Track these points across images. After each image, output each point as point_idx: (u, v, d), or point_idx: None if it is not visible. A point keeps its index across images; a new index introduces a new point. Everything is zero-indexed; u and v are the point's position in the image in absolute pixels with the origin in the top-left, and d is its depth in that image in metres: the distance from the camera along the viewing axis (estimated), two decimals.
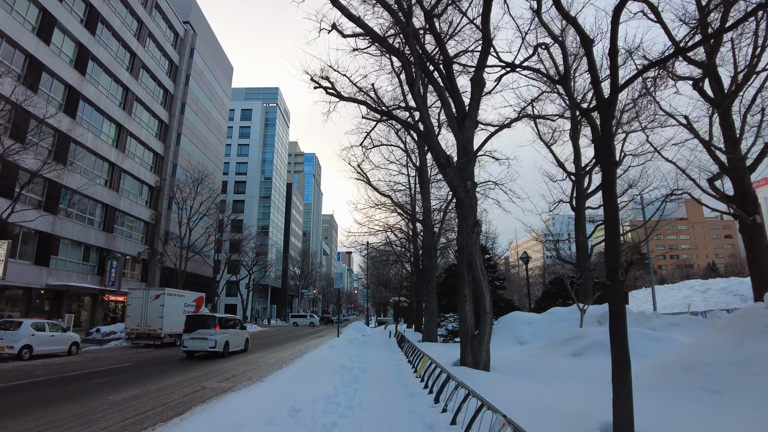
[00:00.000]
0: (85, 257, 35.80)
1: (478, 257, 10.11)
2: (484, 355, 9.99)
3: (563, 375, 9.33)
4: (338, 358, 12.72)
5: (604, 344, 10.62)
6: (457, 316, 22.94)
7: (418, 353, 11.97)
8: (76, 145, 34.04)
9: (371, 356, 16.14)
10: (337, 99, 15.04)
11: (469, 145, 10.64)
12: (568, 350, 11.01)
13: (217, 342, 19.62)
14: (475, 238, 9.99)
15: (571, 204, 22.07)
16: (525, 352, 12.88)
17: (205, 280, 50.40)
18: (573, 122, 21.95)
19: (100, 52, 36.59)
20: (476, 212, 10.32)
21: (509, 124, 12.92)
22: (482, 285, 9.96)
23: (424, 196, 22.15)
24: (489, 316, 10.06)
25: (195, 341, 19.60)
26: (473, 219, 10.09)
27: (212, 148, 60.07)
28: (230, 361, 18.37)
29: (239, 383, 12.39)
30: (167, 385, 12.15)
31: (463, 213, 10.15)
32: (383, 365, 13.23)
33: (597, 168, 22.48)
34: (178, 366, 16.69)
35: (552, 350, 11.63)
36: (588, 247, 20.90)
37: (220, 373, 14.74)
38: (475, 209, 10.29)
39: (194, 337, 19.68)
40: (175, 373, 14.44)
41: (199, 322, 20.27)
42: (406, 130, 21.41)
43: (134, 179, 42.43)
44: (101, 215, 37.65)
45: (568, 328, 16.00)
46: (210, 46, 59.88)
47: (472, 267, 9.97)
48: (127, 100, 40.89)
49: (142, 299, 25.74)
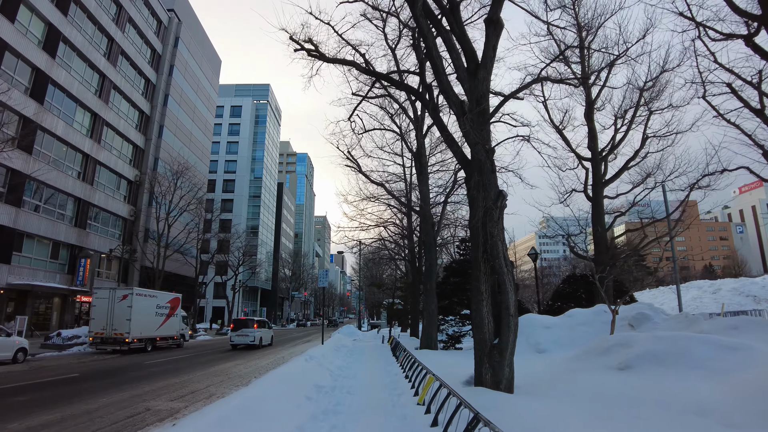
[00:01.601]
0: (54, 255, 33.05)
1: (501, 242, 7.73)
2: (506, 372, 7.61)
3: (618, 399, 6.95)
4: (315, 374, 10.07)
5: (659, 355, 8.27)
6: (458, 319, 20.49)
7: (417, 366, 9.54)
8: (44, 133, 31.41)
9: (360, 369, 13.51)
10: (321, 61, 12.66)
11: (483, 101, 8.28)
12: (610, 362, 8.63)
13: (255, 337, 26.85)
14: (498, 215, 7.62)
15: (586, 193, 19.77)
16: (550, 363, 10.45)
17: (188, 281, 47.64)
18: (588, 101, 19.66)
19: (72, 34, 33.95)
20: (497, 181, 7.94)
21: (529, 84, 10.54)
22: (506, 279, 7.59)
23: (422, 182, 19.65)
24: (513, 320, 7.68)
25: (239, 337, 26.82)
26: (495, 189, 7.73)
27: (197, 143, 57.38)
28: (198, 371, 15.85)
29: (193, 403, 9.92)
30: (103, 405, 9.65)
31: (482, 181, 7.75)
32: (374, 383, 10.68)
33: (616, 151, 20.22)
34: (134, 378, 14.17)
35: (587, 362, 9.24)
36: (607, 240, 18.57)
37: (178, 387, 12.24)
38: (496, 177, 7.90)
39: (239, 334, 26.92)
40: (125, 388, 11.93)
41: (242, 324, 27.90)
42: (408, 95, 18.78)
43: (111, 172, 39.72)
44: (73, 210, 34.93)
45: (592, 332, 13.65)
46: (196, 37, 57.27)
47: (493, 255, 7.58)
48: (103, 88, 38.22)
49: (108, 299, 23.09)
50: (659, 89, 18.17)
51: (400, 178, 25.87)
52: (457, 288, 20.24)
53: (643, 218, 20.72)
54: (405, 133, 22.49)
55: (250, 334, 26.72)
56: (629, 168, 19.40)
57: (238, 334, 26.86)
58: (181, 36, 52.01)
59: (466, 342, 21.08)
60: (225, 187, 79.71)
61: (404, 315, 45.45)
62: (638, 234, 20.23)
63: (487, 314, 7.92)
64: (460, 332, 20.12)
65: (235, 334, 26.97)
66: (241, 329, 27.03)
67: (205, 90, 60.39)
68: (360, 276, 55.09)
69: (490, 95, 9.43)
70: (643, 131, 18.80)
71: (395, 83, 12.67)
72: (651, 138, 18.82)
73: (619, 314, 13.55)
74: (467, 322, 20.52)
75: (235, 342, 26.79)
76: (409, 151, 22.13)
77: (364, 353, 20.02)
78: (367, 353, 20.12)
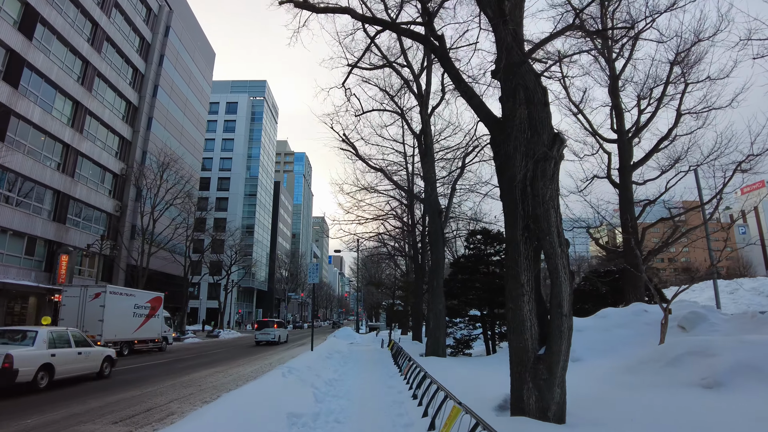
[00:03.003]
0: (29, 251, 30.77)
1: (555, 210, 5.56)
2: (557, 394, 5.45)
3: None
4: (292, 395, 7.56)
5: (760, 368, 6.07)
6: (468, 321, 18.30)
7: (428, 382, 7.32)
8: (19, 120, 29.18)
9: (355, 383, 11.06)
10: (309, 12, 10.52)
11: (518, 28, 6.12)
12: (687, 377, 6.50)
13: (275, 335, 31.71)
14: (553, 169, 5.44)
15: (610, 179, 17.64)
16: (592, 376, 8.26)
17: (176, 280, 45.37)
18: (612, 74, 17.50)
19: (52, 15, 31.75)
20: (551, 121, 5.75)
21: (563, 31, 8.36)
22: (559, 264, 5.40)
23: (428, 163, 17.30)
24: (568, 322, 5.51)
25: (262, 335, 31.72)
26: (549, 129, 5.56)
27: (189, 137, 55.14)
28: (169, 381, 13.64)
29: (141, 427, 7.74)
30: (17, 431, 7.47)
31: (533, 115, 5.51)
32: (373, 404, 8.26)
33: (639, 135, 18.04)
34: (88, 390, 12.05)
35: (653, 374, 7.09)
36: (639, 232, 16.37)
37: (134, 403, 10.05)
38: (550, 113, 5.69)
39: (262, 333, 31.97)
40: (70, 404, 9.76)
41: (264, 324, 33.61)
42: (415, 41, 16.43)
43: (95, 165, 37.44)
44: (51, 203, 32.66)
45: (633, 336, 11.48)
46: (188, 27, 55.10)
47: (543, 229, 5.33)
48: (86, 75, 35.97)
49: (78, 298, 20.94)
50: (695, 59, 16.04)
51: (401, 167, 23.70)
52: (465, 286, 18.05)
53: (670, 208, 18.53)
54: (406, 111, 20.24)
55: (271, 332, 31.79)
56: (659, 150, 17.26)
57: (261, 333, 31.98)
58: (172, 25, 49.82)
59: (476, 346, 18.91)
60: (220, 185, 77.57)
61: (405, 316, 43.21)
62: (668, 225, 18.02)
63: (529, 314, 5.73)
64: (470, 336, 17.95)
65: (259, 332, 32.17)
66: (264, 329, 32.49)
67: (197, 82, 58.18)
68: (358, 276, 52.78)
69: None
70: (678, 107, 16.64)
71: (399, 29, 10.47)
72: (685, 115, 16.67)
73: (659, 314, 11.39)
74: (477, 325, 18.34)
75: (259, 339, 31.54)
76: (411, 133, 19.94)
77: (361, 361, 17.77)
78: (365, 360, 17.88)
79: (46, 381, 11.31)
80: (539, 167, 5.52)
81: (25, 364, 10.57)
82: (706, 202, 16.99)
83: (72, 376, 12.45)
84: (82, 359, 12.81)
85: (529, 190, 5.70)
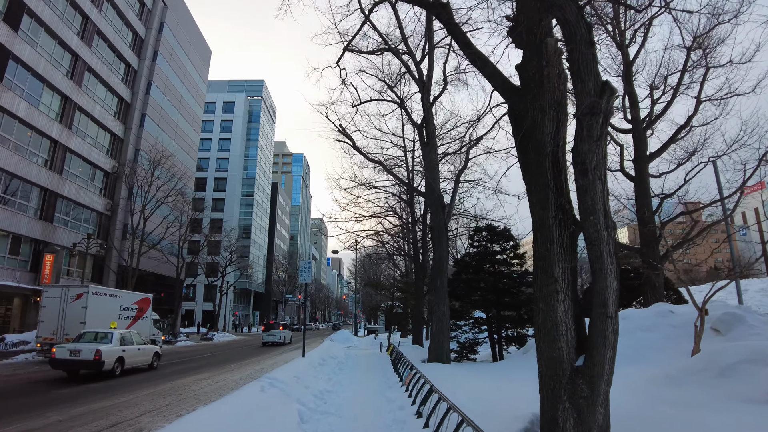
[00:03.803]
0: (14, 250, 29.58)
1: (602, 182, 4.44)
2: (600, 416, 4.31)
3: None
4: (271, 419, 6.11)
5: None
6: (473, 323, 17.15)
7: (434, 397, 6.16)
8: (3, 114, 28.04)
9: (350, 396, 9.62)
10: None
11: None
12: (747, 390, 5.43)
13: (281, 336, 33.45)
14: (601, 127, 4.29)
15: (624, 171, 16.52)
16: (626, 388, 7.11)
17: (169, 281, 44.14)
18: (626, 61, 16.41)
19: (39, 7, 30.65)
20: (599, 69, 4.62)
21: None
22: (604, 252, 4.28)
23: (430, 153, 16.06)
24: (613, 326, 4.39)
25: (269, 336, 33.23)
26: (596, 76, 4.40)
27: (184, 135, 53.98)
28: (147, 389, 12.49)
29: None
30: None
31: (572, 59, 4.32)
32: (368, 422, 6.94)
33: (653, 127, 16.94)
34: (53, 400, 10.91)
35: (701, 388, 5.98)
36: (656, 227, 15.25)
37: (102, 416, 8.91)
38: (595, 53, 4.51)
39: (268, 334, 33.49)
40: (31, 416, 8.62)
41: (271, 327, 35.21)
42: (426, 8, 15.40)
43: (84, 162, 36.28)
44: (38, 201, 31.51)
45: (659, 340, 10.38)
46: (183, 23, 53.99)
47: (588, 206, 4.20)
48: (76, 69, 34.85)
49: (59, 299, 19.77)
50: (717, 41, 14.97)
51: (401, 161, 22.56)
52: (469, 286, 16.93)
53: (686, 202, 17.44)
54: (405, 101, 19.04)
55: (277, 334, 33.54)
56: (677, 140, 16.17)
57: (268, 334, 33.63)
58: (167, 21, 48.72)
59: (481, 350, 17.75)
60: (216, 185, 76.31)
61: (404, 319, 42.03)
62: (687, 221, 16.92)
63: (564, 316, 4.58)
64: (475, 340, 16.79)
65: (266, 334, 33.83)
66: (270, 330, 34.28)
67: (192, 80, 57.04)
68: (356, 277, 51.63)
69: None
70: (698, 94, 15.55)
71: None
72: (705, 102, 15.58)
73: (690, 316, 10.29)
74: (483, 328, 17.19)
75: (266, 340, 33.12)
76: (412, 124, 18.79)
77: (359, 367, 16.56)
78: (362, 367, 16.67)
79: (119, 369, 14.76)
80: (585, 123, 4.37)
81: (108, 356, 14.10)
82: (727, 196, 15.89)
83: (134, 366, 16.02)
84: (140, 354, 16.52)
85: (563, 162, 4.60)
